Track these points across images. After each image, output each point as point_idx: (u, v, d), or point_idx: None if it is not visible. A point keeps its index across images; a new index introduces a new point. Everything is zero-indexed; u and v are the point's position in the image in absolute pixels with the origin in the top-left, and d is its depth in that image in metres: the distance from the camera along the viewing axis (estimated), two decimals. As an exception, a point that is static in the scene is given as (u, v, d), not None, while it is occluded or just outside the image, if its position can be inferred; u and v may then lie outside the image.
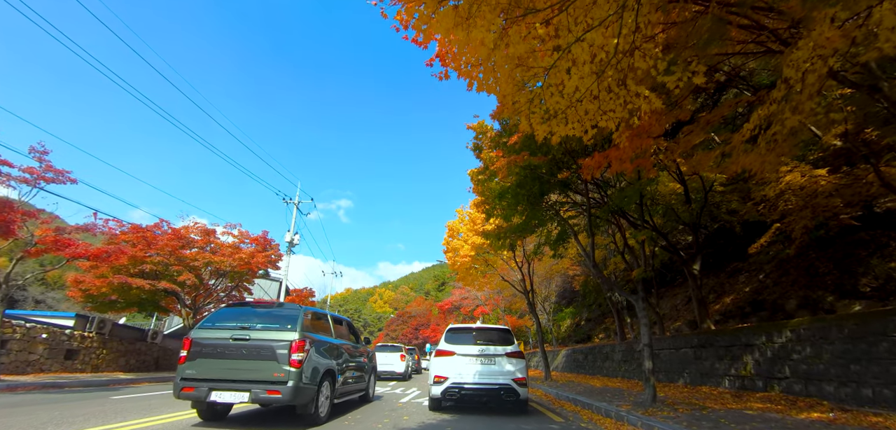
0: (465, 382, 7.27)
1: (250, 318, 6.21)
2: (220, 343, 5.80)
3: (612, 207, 7.58)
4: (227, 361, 5.70)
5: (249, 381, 5.58)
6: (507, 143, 7.38)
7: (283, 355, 5.68)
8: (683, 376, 10.46)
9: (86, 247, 12.69)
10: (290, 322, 6.09)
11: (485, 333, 8.02)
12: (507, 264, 17.12)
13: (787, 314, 12.17)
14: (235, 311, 6.43)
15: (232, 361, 5.70)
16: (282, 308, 6.59)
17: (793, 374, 7.13)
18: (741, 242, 17.36)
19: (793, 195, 10.65)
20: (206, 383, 5.58)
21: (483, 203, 10.13)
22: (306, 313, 6.51)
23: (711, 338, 9.54)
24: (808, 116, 3.93)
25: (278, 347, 5.74)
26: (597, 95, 4.32)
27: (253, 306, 6.79)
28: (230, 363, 5.70)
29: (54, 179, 10.61)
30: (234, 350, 5.75)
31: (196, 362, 5.72)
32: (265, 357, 5.70)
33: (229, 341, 5.81)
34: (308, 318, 6.52)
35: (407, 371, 18.69)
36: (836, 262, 12.05)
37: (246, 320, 6.14)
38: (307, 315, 6.50)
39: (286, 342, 5.77)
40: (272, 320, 6.21)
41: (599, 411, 7.23)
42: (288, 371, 5.60)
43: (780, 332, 7.59)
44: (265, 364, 5.66)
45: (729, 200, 14.83)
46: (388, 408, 8.29)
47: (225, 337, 5.86)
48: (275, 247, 20.16)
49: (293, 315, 6.25)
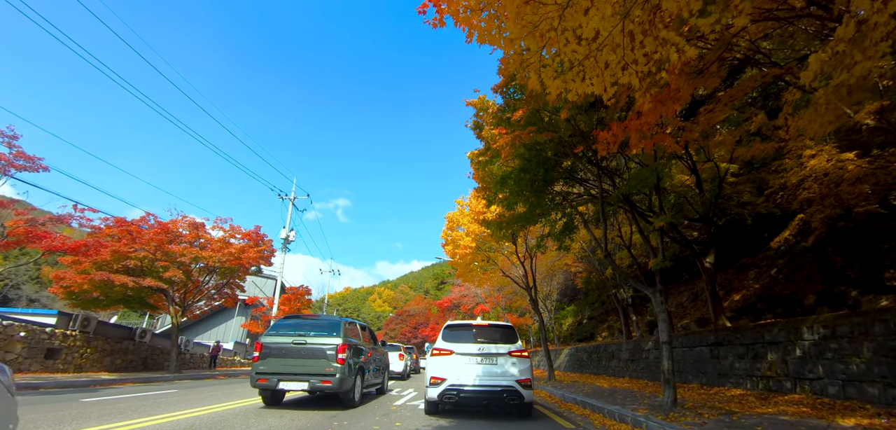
0: (465, 383, 6.56)
1: (304, 327, 8.13)
2: (284, 346, 7.67)
3: (625, 191, 6.89)
4: (289, 359, 7.57)
5: (308, 374, 7.45)
6: (510, 118, 6.68)
7: (331, 355, 7.58)
8: (699, 376, 9.77)
9: (63, 240, 11.96)
10: (335, 330, 8.02)
11: (486, 330, 7.29)
12: (508, 258, 16.41)
13: (805, 310, 11.48)
14: (291, 322, 8.38)
15: (293, 359, 7.59)
16: (327, 319, 8.53)
17: (827, 374, 6.44)
18: (752, 236, 16.67)
19: (814, 183, 9.96)
20: (275, 375, 7.43)
21: (483, 190, 9.44)
22: (345, 322, 8.46)
23: (730, 336, 8.85)
24: (877, 61, 3.23)
25: (328, 349, 7.63)
26: (619, 44, 3.63)
27: (304, 318, 8.75)
28: (292, 360, 7.57)
29: (25, 167, 9.90)
30: (295, 351, 7.63)
31: (266, 360, 7.57)
32: (318, 356, 7.58)
33: (291, 344, 7.69)
34: (346, 326, 8.42)
35: (405, 371, 18.48)
36: (855, 255, 11.37)
37: (300, 328, 8.06)
38: (346, 325, 8.44)
39: (333, 345, 7.66)
40: (321, 328, 8.12)
41: (613, 415, 6.54)
42: (336, 367, 7.50)
43: (810, 328, 6.90)
44: (318, 362, 7.54)
45: (740, 191, 14.15)
46: (380, 412, 7.60)
47: (287, 342, 7.74)
48: (268, 242, 19.45)
49: (337, 324, 8.23)
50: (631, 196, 8.54)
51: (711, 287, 10.88)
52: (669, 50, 3.52)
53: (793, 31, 8.56)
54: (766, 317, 12.59)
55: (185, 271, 16.27)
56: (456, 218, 16.86)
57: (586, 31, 3.44)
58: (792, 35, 8.96)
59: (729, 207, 14.44)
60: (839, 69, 3.30)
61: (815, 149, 9.25)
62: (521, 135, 6.14)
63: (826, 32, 7.16)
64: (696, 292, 18.58)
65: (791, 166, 9.86)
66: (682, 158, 11.34)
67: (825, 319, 6.74)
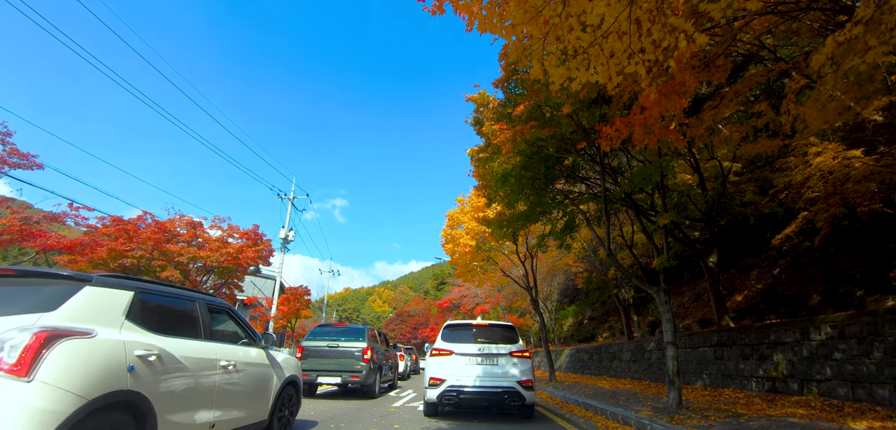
0: (465, 385, 6.40)
1: (335, 333, 9.98)
2: (321, 349, 9.51)
3: (629, 189, 6.74)
4: (325, 359, 9.33)
5: (340, 371, 9.24)
6: (511, 113, 6.53)
7: (358, 356, 9.39)
8: (702, 377, 9.62)
9: (59, 239, 11.82)
10: (361, 336, 9.85)
11: (486, 330, 7.13)
12: (508, 258, 16.26)
13: (810, 310, 11.34)
14: (324, 330, 10.37)
15: (329, 359, 9.36)
16: (353, 327, 10.47)
17: (836, 375, 6.29)
18: (754, 236, 16.52)
19: (820, 181, 9.81)
20: (315, 372, 9.22)
21: (484, 187, 9.29)
22: (369, 330, 10.40)
23: (734, 336, 8.70)
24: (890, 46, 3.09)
25: (355, 351, 9.45)
26: (626, 32, 3.49)
27: (335, 326, 10.68)
28: (328, 360, 9.34)
29: (20, 164, 9.76)
30: (329, 353, 9.43)
31: (307, 359, 9.36)
32: (348, 357, 9.38)
33: (325, 347, 9.53)
34: (369, 333, 10.17)
35: (405, 370, 18.55)
36: (860, 255, 11.22)
37: (332, 334, 9.93)
38: (369, 332, 10.23)
39: (360, 348, 9.50)
40: (349, 334, 9.96)
41: (616, 418, 6.39)
42: (362, 366, 9.29)
43: (817, 328, 6.75)
44: (348, 361, 9.33)
45: (743, 191, 14.01)
46: (378, 413, 7.45)
47: (322, 345, 9.55)
48: (266, 242, 19.28)
49: (362, 331, 10.12)
50: (633, 194, 8.39)
51: (715, 287, 10.73)
52: (679, 37, 3.38)
53: (797, 27, 8.44)
54: (769, 318, 12.43)
55: (183, 270, 16.12)
56: (457, 216, 16.70)
57: (591, 17, 3.30)
58: (796, 31, 8.83)
59: (731, 206, 14.30)
60: (851, 55, 3.15)
61: (820, 146, 9.09)
62: (522, 130, 5.99)
63: (831, 27, 7.03)
64: (697, 292, 18.43)
65: (796, 164, 9.70)
66: (685, 156, 11.20)
67: (833, 319, 6.59)
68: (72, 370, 2.50)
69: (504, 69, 6.23)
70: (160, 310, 3.54)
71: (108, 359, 2.74)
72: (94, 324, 2.82)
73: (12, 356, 2.32)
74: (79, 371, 2.53)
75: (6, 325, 2.46)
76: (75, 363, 2.54)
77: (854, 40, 3.04)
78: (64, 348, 2.51)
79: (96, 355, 2.68)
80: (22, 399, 2.25)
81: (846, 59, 3.15)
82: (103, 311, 2.95)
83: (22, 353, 2.34)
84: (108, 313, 2.98)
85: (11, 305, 2.69)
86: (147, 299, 3.39)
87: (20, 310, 2.63)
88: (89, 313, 2.85)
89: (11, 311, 2.61)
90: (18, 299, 2.78)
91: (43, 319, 2.59)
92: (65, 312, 2.72)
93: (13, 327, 2.45)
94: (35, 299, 2.77)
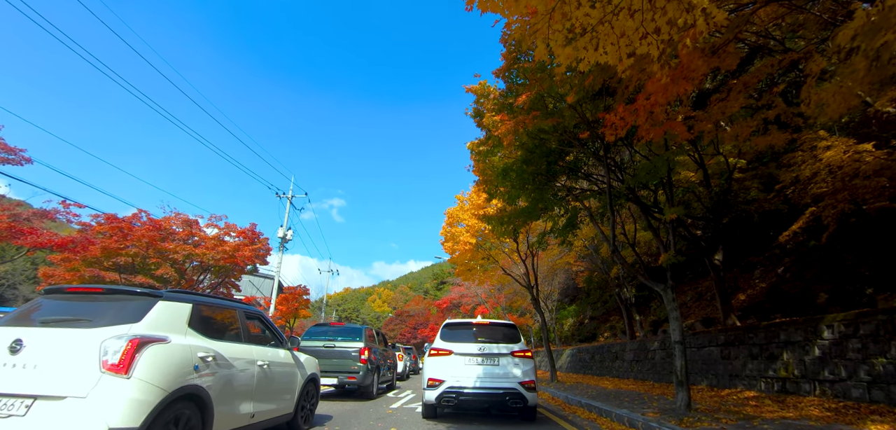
0: (464, 386, 6.15)
1: (332, 333, 9.79)
2: (317, 349, 9.10)
3: (634, 184, 6.50)
4: (322, 359, 8.56)
5: (337, 371, 9.00)
6: (513, 103, 6.29)
7: (355, 356, 9.18)
8: (707, 377, 9.39)
9: (50, 236, 11.57)
10: (358, 336, 9.62)
11: (487, 329, 6.87)
12: (509, 256, 16.02)
13: (817, 309, 11.11)
14: (321, 329, 10.10)
15: (326, 359, 8.91)
16: (351, 326, 10.19)
17: (850, 375, 6.06)
18: (757, 234, 16.29)
19: (828, 176, 9.58)
20: None
21: (484, 182, 9.06)
22: (366, 330, 10.13)
23: (742, 335, 8.46)
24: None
25: (352, 351, 9.25)
26: (638, 9, 3.25)
27: (331, 326, 10.31)
28: (325, 360, 8.82)
29: (7, 159, 9.52)
30: (326, 353, 9.12)
31: None
32: (345, 357, 9.17)
33: (322, 347, 9.23)
34: (367, 333, 10.00)
35: (405, 371, 18.42)
36: (868, 252, 10.99)
37: (329, 334, 9.71)
38: (366, 332, 10.00)
39: (357, 348, 9.29)
40: (346, 334, 9.74)
41: (621, 420, 6.16)
42: (359, 366, 9.08)
43: (830, 326, 6.51)
44: (346, 361, 9.13)
45: (748, 187, 13.79)
46: (375, 415, 7.21)
47: (319, 345, 9.28)
48: (263, 241, 19.05)
49: (359, 331, 9.88)
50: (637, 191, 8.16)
51: (721, 285, 10.50)
52: (696, 15, 3.15)
53: (804, 19, 8.22)
54: (774, 317, 12.20)
55: (179, 269, 15.89)
56: (456, 213, 16.44)
57: (601, -9, 3.06)
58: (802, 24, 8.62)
59: (735, 203, 14.06)
60: (885, 30, 2.92)
61: (830, 140, 8.86)
62: (524, 120, 5.74)
63: (842, 17, 6.81)
64: (699, 291, 18.20)
65: (805, 159, 9.47)
66: (690, 152, 10.97)
67: (846, 317, 6.36)
68: (157, 369, 3.12)
69: (505, 57, 5.98)
70: (211, 318, 4.10)
71: (180, 360, 3.36)
72: (167, 331, 3.40)
73: (115, 358, 2.93)
74: (162, 369, 3.15)
75: (106, 334, 3.03)
76: (159, 363, 3.15)
77: (889, 10, 2.81)
78: (150, 352, 3.13)
79: (173, 357, 3.29)
80: (124, 391, 2.87)
81: (878, 36, 2.92)
82: (172, 320, 3.52)
83: (122, 355, 2.95)
84: (176, 322, 3.56)
85: (104, 317, 3.26)
86: (201, 310, 3.95)
87: (113, 322, 3.21)
88: (163, 323, 3.43)
89: (106, 322, 3.19)
90: (109, 312, 3.33)
91: (133, 328, 3.17)
92: (147, 322, 3.30)
93: (113, 335, 3.03)
94: (122, 312, 3.32)
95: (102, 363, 2.89)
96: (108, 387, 2.83)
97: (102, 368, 2.88)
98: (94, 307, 3.42)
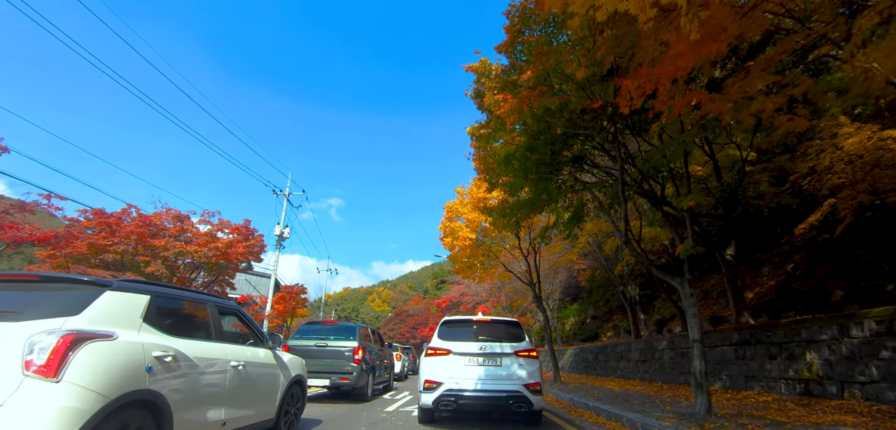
0: (464, 388, 5.66)
1: (324, 331, 9.29)
2: (308, 348, 8.64)
3: (647, 169, 6.02)
4: (313, 359, 8.25)
5: (329, 372, 8.52)
6: (517, 80, 5.80)
7: (349, 356, 8.70)
8: (721, 378, 8.90)
9: (31, 231, 11.07)
10: (352, 335, 9.13)
11: (488, 327, 6.36)
12: (510, 252, 15.52)
13: (832, 306, 10.63)
14: (313, 327, 9.62)
15: (317, 359, 8.53)
16: (344, 325, 9.68)
17: (884, 377, 5.56)
18: (766, 230, 15.80)
19: (848, 166, 9.09)
20: None
21: (485, 172, 8.57)
22: (360, 328, 9.61)
23: (759, 334, 7.97)
24: None
25: (346, 350, 8.76)
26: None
27: (324, 324, 9.84)
28: (316, 360, 8.49)
29: (-17, 149, 9.02)
30: (318, 353, 8.68)
31: None
32: (338, 357, 8.70)
33: (313, 347, 8.76)
34: (361, 331, 9.50)
35: (403, 371, 18.12)
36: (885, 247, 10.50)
37: (321, 333, 9.20)
38: (360, 330, 9.49)
39: (350, 348, 8.79)
40: (339, 332, 9.24)
41: (633, 425, 5.66)
42: (353, 366, 8.60)
43: (860, 324, 6.02)
44: (338, 362, 8.65)
45: (758, 181, 13.29)
46: (368, 420, 6.71)
47: (310, 344, 8.78)
48: (258, 238, 18.56)
49: (353, 329, 9.38)
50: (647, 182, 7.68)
51: (733, 282, 10.02)
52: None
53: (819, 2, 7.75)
54: (786, 315, 11.71)
55: (170, 266, 15.40)
56: (455, 207, 15.94)
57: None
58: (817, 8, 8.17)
59: (744, 198, 13.58)
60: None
61: (852, 127, 8.36)
62: (529, 97, 5.24)
63: (856, 6, 6.35)
64: (706, 289, 17.72)
65: (824, 148, 8.97)
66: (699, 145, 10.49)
67: (878, 313, 5.86)
68: (96, 371, 2.61)
69: (508, 29, 5.49)
70: (174, 312, 3.61)
71: (128, 360, 2.84)
72: (115, 327, 2.91)
73: (41, 358, 2.42)
74: (102, 372, 2.65)
75: (34, 328, 2.53)
76: (99, 364, 2.65)
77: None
78: (88, 350, 2.62)
79: (118, 357, 2.79)
80: (51, 398, 2.37)
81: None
82: (122, 314, 3.04)
83: (50, 355, 2.44)
84: (127, 316, 3.06)
85: (37, 309, 2.76)
86: (162, 303, 3.45)
87: (46, 314, 2.70)
88: (110, 317, 2.93)
89: (37, 315, 2.68)
90: (43, 303, 2.85)
91: (68, 322, 2.66)
92: (88, 315, 2.80)
93: (41, 330, 2.52)
94: (59, 304, 2.82)
95: (25, 364, 2.39)
96: (30, 393, 2.33)
97: (25, 370, 2.38)
98: (26, 297, 2.91)
